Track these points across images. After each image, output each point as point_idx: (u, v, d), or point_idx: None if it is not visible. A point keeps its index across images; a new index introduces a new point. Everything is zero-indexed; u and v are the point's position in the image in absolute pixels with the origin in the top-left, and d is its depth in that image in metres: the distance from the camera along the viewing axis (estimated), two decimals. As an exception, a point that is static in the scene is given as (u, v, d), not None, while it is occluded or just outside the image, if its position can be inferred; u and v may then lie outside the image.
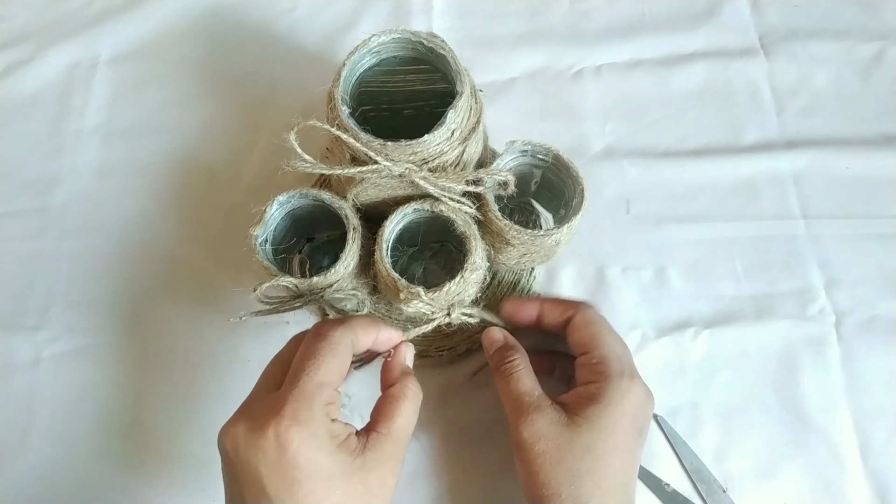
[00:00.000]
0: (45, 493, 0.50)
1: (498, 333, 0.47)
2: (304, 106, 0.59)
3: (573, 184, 0.45)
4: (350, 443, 0.37)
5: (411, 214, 0.45)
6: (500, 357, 0.45)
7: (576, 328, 0.45)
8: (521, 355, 0.45)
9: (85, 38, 0.66)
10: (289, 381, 0.37)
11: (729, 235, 0.57)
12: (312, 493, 0.34)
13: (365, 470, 0.36)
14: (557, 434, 0.40)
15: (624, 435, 0.41)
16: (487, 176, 0.43)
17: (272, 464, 0.34)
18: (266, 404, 0.36)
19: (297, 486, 0.34)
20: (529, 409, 0.41)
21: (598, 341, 0.44)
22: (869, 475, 0.50)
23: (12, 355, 0.54)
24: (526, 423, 0.41)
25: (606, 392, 0.41)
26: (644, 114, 0.62)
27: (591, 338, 0.44)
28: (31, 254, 0.57)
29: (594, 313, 0.46)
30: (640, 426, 0.42)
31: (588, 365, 0.43)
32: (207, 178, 0.60)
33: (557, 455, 0.40)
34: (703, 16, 0.66)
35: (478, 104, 0.45)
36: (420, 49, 0.44)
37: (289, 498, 0.34)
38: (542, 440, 0.40)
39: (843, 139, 0.60)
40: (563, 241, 0.45)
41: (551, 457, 0.40)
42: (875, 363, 0.53)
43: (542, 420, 0.41)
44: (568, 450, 0.40)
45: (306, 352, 0.38)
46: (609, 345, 0.43)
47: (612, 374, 0.42)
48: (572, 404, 0.42)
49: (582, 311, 0.45)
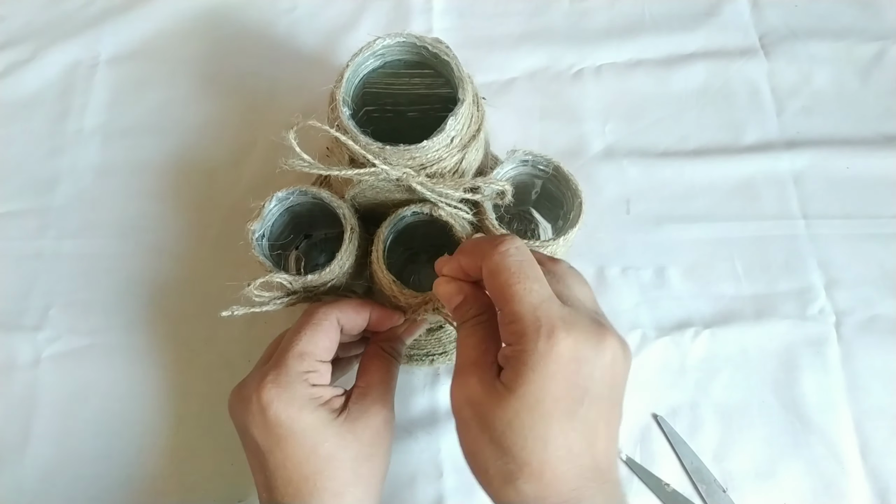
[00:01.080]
0: (45, 493, 0.50)
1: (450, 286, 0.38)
2: (304, 106, 0.59)
3: (572, 196, 0.45)
4: (334, 402, 0.40)
5: (410, 217, 0.45)
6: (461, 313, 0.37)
7: (486, 282, 0.35)
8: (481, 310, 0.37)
9: (85, 38, 0.66)
10: (275, 355, 0.41)
11: (729, 235, 0.57)
12: (300, 446, 0.38)
13: (350, 420, 0.40)
14: (480, 400, 0.33)
15: (555, 401, 0.32)
16: (485, 185, 0.43)
17: (260, 424, 0.38)
18: (254, 375, 0.40)
19: (283, 441, 0.38)
20: (464, 368, 0.35)
21: (508, 293, 0.33)
22: (869, 475, 0.50)
23: (12, 355, 0.54)
24: (457, 384, 0.35)
25: (523, 356, 0.32)
26: (644, 114, 0.62)
27: (501, 290, 0.34)
28: (31, 254, 0.57)
29: (503, 258, 0.34)
30: (583, 388, 0.32)
31: (504, 325, 0.34)
32: (207, 178, 0.60)
33: (481, 423, 0.33)
34: (703, 16, 0.66)
35: (479, 112, 0.45)
36: (424, 54, 0.44)
37: (280, 452, 0.38)
38: (467, 406, 0.34)
39: (843, 139, 0.60)
40: (559, 253, 0.45)
41: (476, 425, 0.33)
42: (875, 363, 0.53)
43: (470, 381, 0.34)
44: (490, 420, 0.33)
45: (293, 328, 0.42)
46: (521, 295, 0.33)
47: (528, 332, 0.32)
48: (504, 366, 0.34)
49: (488, 259, 0.35)
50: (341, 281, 0.46)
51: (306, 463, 0.38)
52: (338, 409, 0.40)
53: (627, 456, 0.50)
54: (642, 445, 0.51)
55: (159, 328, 0.55)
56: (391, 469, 0.49)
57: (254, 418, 0.39)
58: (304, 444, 0.38)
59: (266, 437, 0.38)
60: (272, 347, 0.44)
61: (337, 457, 0.39)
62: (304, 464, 0.38)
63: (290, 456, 0.38)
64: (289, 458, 0.38)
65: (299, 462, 0.38)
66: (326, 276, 0.44)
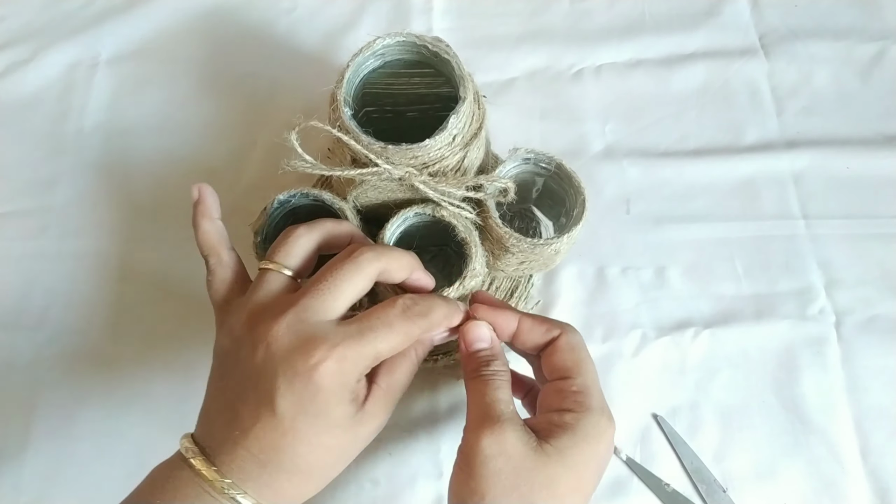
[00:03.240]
0: (45, 493, 0.50)
1: (486, 331, 0.40)
2: (304, 106, 0.59)
3: (575, 194, 0.45)
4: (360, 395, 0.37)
5: (412, 218, 0.45)
6: (483, 361, 0.39)
7: (559, 349, 0.39)
8: (505, 367, 0.39)
9: (85, 38, 0.66)
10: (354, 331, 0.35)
11: (729, 235, 0.57)
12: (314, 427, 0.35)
13: (362, 422, 0.36)
14: (521, 456, 0.35)
15: (589, 476, 0.36)
16: (488, 182, 0.43)
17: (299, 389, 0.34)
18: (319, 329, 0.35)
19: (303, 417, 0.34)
20: (500, 420, 0.36)
21: (582, 368, 0.38)
22: (869, 475, 0.50)
23: (12, 355, 0.54)
24: (492, 434, 0.35)
25: (583, 425, 0.35)
26: (644, 114, 0.62)
27: (576, 364, 0.38)
28: (32, 254, 0.57)
29: (581, 339, 0.40)
30: (602, 472, 0.37)
31: (566, 391, 0.37)
32: (207, 178, 0.59)
33: (514, 480, 0.34)
34: (703, 16, 0.66)
35: (480, 110, 0.45)
36: (424, 53, 0.44)
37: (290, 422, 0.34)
38: (502, 457, 0.35)
39: (843, 139, 0.60)
40: (563, 251, 0.45)
41: (507, 480, 0.34)
42: (875, 363, 0.53)
43: (510, 436, 0.35)
44: (527, 478, 0.34)
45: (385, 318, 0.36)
46: (593, 376, 0.38)
47: (594, 407, 0.36)
48: (542, 430, 0.36)
49: (570, 333, 0.39)
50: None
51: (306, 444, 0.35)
52: (359, 404, 0.36)
53: (627, 456, 0.50)
54: (642, 445, 0.51)
55: (160, 329, 0.55)
56: (391, 469, 0.49)
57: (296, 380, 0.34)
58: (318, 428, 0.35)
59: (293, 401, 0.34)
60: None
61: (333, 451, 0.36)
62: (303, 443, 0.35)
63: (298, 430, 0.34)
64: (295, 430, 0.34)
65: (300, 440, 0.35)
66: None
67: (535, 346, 0.40)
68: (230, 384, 0.36)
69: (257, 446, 0.34)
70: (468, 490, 0.35)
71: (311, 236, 0.40)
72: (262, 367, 0.34)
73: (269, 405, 0.34)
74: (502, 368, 0.39)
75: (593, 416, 0.36)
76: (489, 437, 0.35)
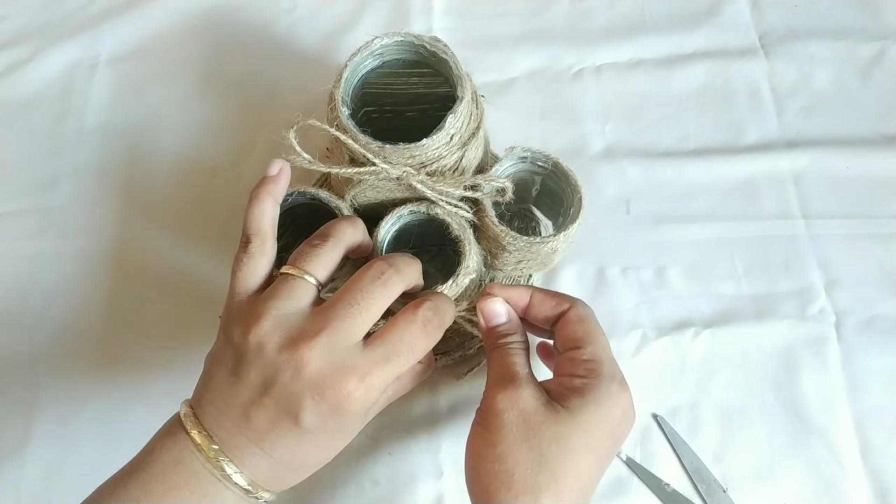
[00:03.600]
0: (45, 493, 0.50)
1: (501, 306, 0.42)
2: (304, 106, 0.58)
3: (572, 192, 0.45)
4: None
5: (407, 216, 0.45)
6: (501, 334, 0.41)
7: (570, 322, 0.41)
8: (523, 338, 0.41)
9: (85, 38, 0.66)
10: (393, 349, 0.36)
11: (729, 235, 0.57)
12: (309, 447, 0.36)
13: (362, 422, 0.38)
14: (533, 410, 0.37)
15: (600, 438, 0.37)
16: (485, 182, 0.43)
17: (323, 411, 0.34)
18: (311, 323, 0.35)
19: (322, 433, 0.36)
20: (514, 380, 0.38)
21: (592, 338, 0.40)
22: (869, 475, 0.50)
23: (12, 355, 0.54)
24: (506, 391, 0.37)
25: (594, 390, 0.37)
26: (644, 114, 0.62)
27: (586, 334, 0.40)
28: (31, 254, 0.57)
29: (591, 312, 0.42)
30: (618, 437, 0.39)
31: (578, 360, 0.39)
32: (207, 178, 0.60)
33: (526, 432, 0.36)
34: (703, 16, 0.66)
35: (479, 110, 0.45)
36: (423, 52, 0.44)
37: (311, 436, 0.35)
38: (514, 410, 0.37)
39: (843, 139, 0.60)
40: (560, 249, 0.45)
41: (519, 431, 0.36)
42: (875, 363, 0.53)
43: (524, 392, 0.37)
44: (538, 430, 0.36)
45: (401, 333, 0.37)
46: (604, 346, 0.40)
47: (604, 374, 0.38)
48: (555, 392, 0.38)
49: (579, 306, 0.41)
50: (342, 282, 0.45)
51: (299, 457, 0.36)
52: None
53: (627, 456, 0.50)
54: (642, 445, 0.51)
55: (160, 329, 0.55)
56: (391, 469, 0.49)
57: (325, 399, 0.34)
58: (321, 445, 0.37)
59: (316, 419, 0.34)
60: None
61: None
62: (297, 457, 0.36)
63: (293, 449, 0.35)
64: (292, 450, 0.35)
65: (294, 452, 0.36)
66: (326, 277, 0.43)
67: (546, 319, 0.42)
68: (242, 388, 0.35)
69: (271, 447, 0.35)
70: (482, 441, 0.37)
71: (339, 249, 0.40)
72: (290, 386, 0.34)
73: (292, 418, 0.34)
74: (520, 339, 0.41)
75: (604, 381, 0.37)
76: (503, 394, 0.37)
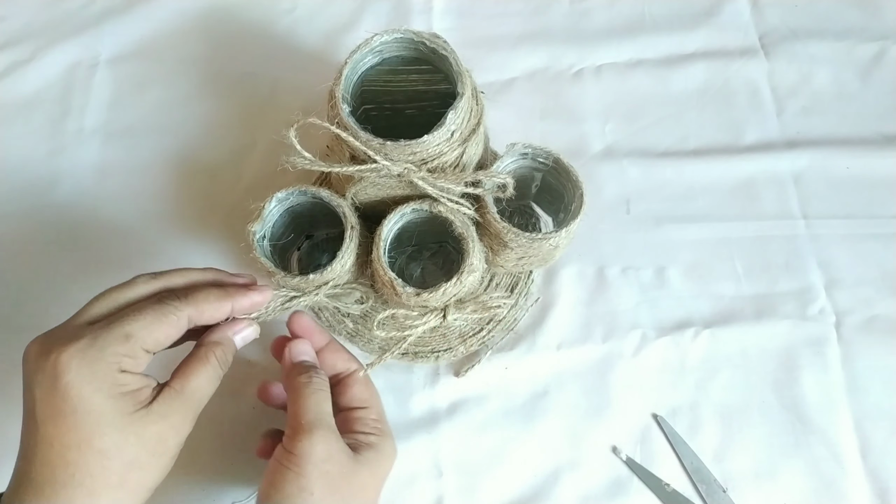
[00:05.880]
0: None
1: (308, 348, 0.45)
2: (304, 106, 0.58)
3: (573, 188, 0.45)
4: (139, 395, 0.36)
5: (410, 214, 0.45)
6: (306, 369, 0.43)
7: (358, 382, 0.46)
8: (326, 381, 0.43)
9: (85, 38, 0.66)
10: (102, 321, 0.37)
11: (729, 235, 0.57)
12: (76, 429, 0.34)
13: (145, 422, 0.36)
14: (344, 462, 0.40)
15: (380, 485, 0.43)
16: (486, 178, 0.43)
17: (46, 388, 0.34)
18: (67, 330, 0.37)
19: (62, 418, 0.34)
20: (329, 430, 0.40)
21: (375, 400, 0.46)
22: (869, 475, 0.50)
23: (12, 355, 0.54)
24: (322, 439, 0.39)
25: (383, 446, 0.43)
26: (644, 114, 0.62)
27: (372, 396, 0.46)
28: (31, 253, 0.57)
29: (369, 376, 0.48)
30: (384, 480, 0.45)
31: (367, 419, 0.44)
32: (208, 178, 0.60)
33: (338, 483, 0.39)
34: (703, 16, 0.66)
35: (479, 106, 0.45)
36: (422, 49, 0.44)
37: (53, 429, 0.34)
38: (331, 462, 0.39)
39: (843, 139, 0.60)
40: (561, 245, 0.45)
41: (332, 482, 0.39)
42: (875, 363, 0.53)
43: (336, 444, 0.40)
44: (348, 481, 0.40)
45: (136, 305, 0.38)
46: (381, 407, 0.47)
47: (386, 431, 0.45)
48: (352, 446, 0.42)
49: (364, 371, 0.47)
50: (343, 280, 0.46)
51: (74, 450, 0.34)
52: (142, 402, 0.36)
53: (627, 456, 0.50)
54: (642, 445, 0.51)
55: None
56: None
57: (43, 378, 0.35)
58: (80, 429, 0.34)
59: (46, 404, 0.34)
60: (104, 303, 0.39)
61: (109, 455, 0.35)
62: (71, 449, 0.34)
63: (61, 436, 0.34)
64: (58, 437, 0.34)
65: (67, 446, 0.34)
66: (328, 276, 0.44)
67: (334, 371, 0.46)
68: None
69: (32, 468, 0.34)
70: (297, 487, 0.38)
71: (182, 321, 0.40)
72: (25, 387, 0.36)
73: (32, 418, 0.35)
74: (324, 380, 0.43)
75: (389, 439, 0.44)
76: (323, 444, 0.39)
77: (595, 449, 0.51)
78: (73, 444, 0.34)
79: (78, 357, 0.34)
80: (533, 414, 0.51)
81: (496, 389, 0.52)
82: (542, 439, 0.51)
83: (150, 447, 0.36)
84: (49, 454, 0.34)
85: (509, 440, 0.51)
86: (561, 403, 0.52)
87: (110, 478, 0.35)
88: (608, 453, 0.50)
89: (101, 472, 0.35)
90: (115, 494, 0.35)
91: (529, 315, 0.54)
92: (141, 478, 0.36)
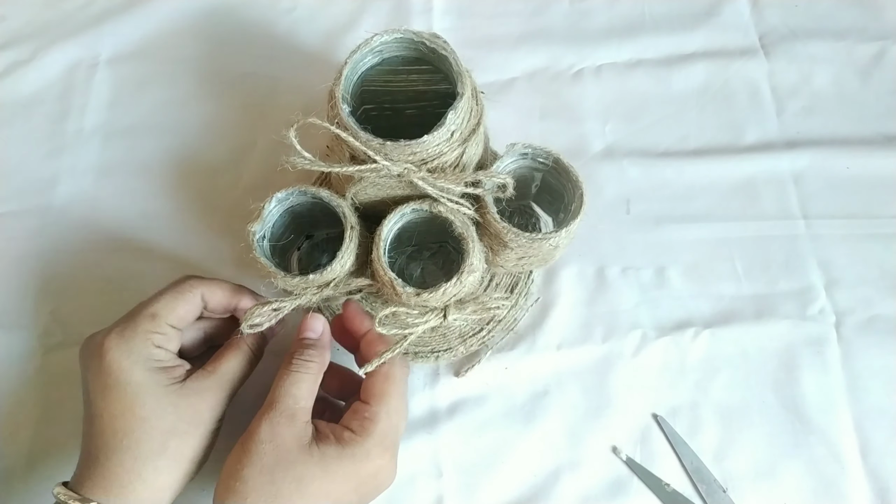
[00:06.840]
0: (46, 492, 0.50)
1: (319, 325, 0.44)
2: (304, 105, 0.58)
3: (573, 188, 0.45)
4: (174, 371, 0.42)
5: (410, 214, 0.45)
6: (299, 347, 0.43)
7: (376, 373, 0.42)
8: (321, 361, 0.43)
9: (85, 38, 0.66)
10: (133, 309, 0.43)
11: (729, 235, 0.57)
12: (120, 399, 0.40)
13: (180, 395, 0.41)
14: (286, 449, 0.38)
15: (344, 490, 0.39)
16: (486, 178, 0.43)
17: (94, 369, 0.41)
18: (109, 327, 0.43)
19: (108, 391, 0.40)
20: (283, 412, 0.40)
21: (384, 400, 0.41)
22: (869, 475, 0.50)
23: (12, 355, 0.54)
24: (270, 422, 0.39)
25: (355, 447, 0.39)
26: (644, 114, 0.62)
27: (382, 394, 0.42)
28: (32, 253, 0.57)
29: (403, 374, 0.43)
30: (365, 493, 0.41)
31: (360, 413, 0.41)
32: (208, 178, 0.60)
33: (272, 467, 0.38)
34: (703, 16, 0.66)
35: (479, 106, 0.45)
36: (422, 49, 0.44)
37: (102, 402, 0.40)
38: (270, 444, 0.39)
39: (843, 139, 0.60)
40: (562, 245, 0.45)
41: (265, 465, 0.38)
42: (875, 363, 0.53)
43: (285, 429, 0.39)
44: (283, 468, 0.38)
45: (160, 290, 0.44)
46: (392, 409, 0.41)
47: (374, 434, 0.40)
48: (321, 434, 0.40)
49: (395, 366, 0.43)
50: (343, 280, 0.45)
51: (120, 418, 0.39)
52: (175, 378, 0.42)
53: (627, 456, 0.50)
54: (642, 445, 0.51)
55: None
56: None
57: (91, 363, 0.41)
58: (123, 399, 0.40)
59: (95, 382, 0.41)
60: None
61: (150, 422, 0.40)
62: (118, 418, 0.40)
63: (109, 406, 0.40)
64: (107, 408, 0.40)
65: (114, 415, 0.40)
66: (328, 276, 0.44)
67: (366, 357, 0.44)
68: None
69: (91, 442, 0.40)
70: (236, 457, 0.39)
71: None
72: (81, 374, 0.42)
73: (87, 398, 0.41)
74: (314, 360, 0.42)
75: (369, 440, 0.40)
76: (267, 424, 0.39)
77: (595, 449, 0.51)
78: (118, 413, 0.40)
79: (116, 337, 0.41)
80: (533, 414, 0.51)
81: (496, 389, 0.52)
82: (542, 439, 0.51)
83: (186, 417, 0.41)
84: (101, 426, 0.40)
85: (509, 440, 0.51)
86: (561, 403, 0.52)
87: (153, 443, 0.40)
88: (608, 453, 0.50)
89: (145, 438, 0.39)
90: (158, 461, 0.40)
91: (529, 315, 0.54)
92: (179, 445, 0.40)
